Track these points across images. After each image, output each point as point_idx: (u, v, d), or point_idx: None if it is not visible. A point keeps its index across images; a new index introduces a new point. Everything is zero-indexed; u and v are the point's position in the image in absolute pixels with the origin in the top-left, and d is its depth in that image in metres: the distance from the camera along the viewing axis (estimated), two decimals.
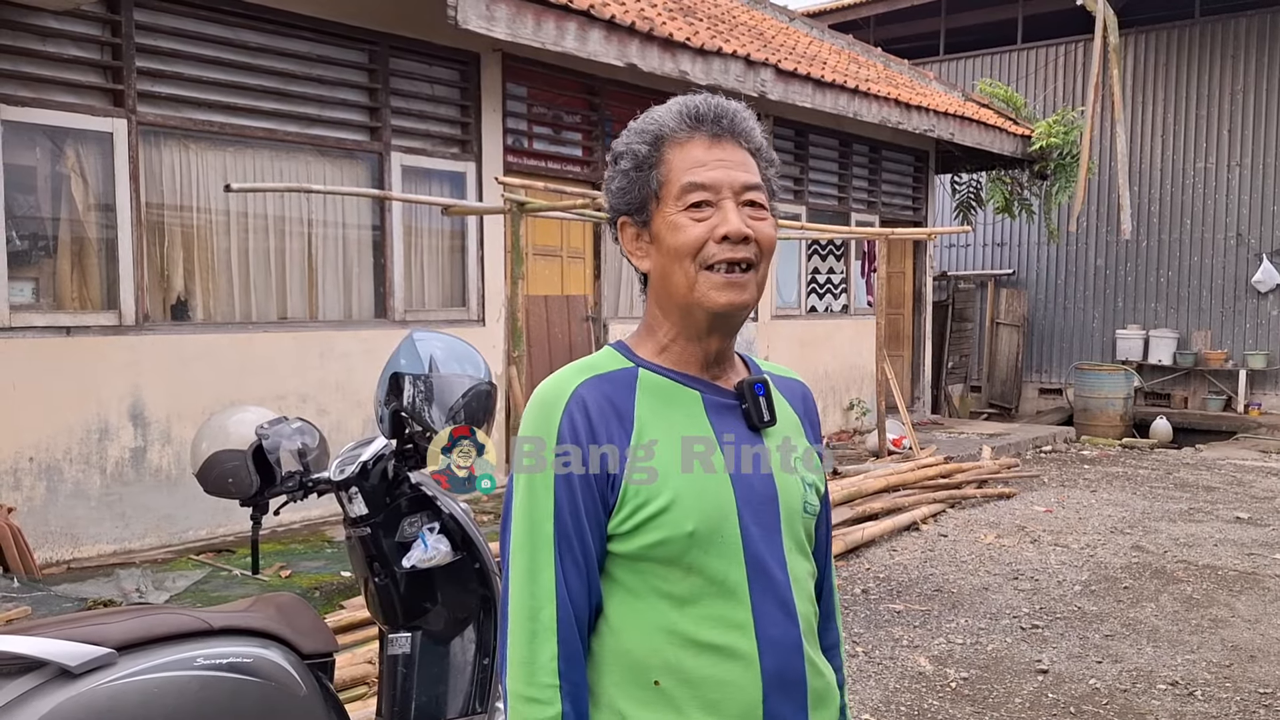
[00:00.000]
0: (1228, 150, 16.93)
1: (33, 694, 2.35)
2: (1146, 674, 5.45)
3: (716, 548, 1.60)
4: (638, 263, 1.71)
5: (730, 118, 1.70)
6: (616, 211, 1.71)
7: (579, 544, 1.58)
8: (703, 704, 1.59)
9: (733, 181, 1.65)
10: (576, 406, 1.60)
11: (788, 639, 1.64)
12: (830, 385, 13.42)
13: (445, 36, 8.45)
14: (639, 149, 1.67)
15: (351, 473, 3.05)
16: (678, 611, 1.60)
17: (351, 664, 4.68)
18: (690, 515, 1.58)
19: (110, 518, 6.94)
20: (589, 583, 1.60)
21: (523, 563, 1.59)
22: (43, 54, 6.72)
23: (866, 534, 7.90)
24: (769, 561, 1.65)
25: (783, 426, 1.75)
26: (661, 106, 1.71)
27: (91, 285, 7.02)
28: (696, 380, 1.69)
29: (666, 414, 1.65)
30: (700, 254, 1.62)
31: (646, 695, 1.60)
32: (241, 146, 7.70)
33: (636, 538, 1.59)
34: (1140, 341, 17.38)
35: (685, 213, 1.63)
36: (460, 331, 7.31)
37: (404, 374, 3.12)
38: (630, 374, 1.67)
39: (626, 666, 1.61)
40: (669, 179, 1.64)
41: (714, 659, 1.59)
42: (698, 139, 1.67)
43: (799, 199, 13.02)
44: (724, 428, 1.67)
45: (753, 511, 1.64)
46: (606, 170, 1.74)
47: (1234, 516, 9.17)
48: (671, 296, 1.66)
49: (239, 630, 2.73)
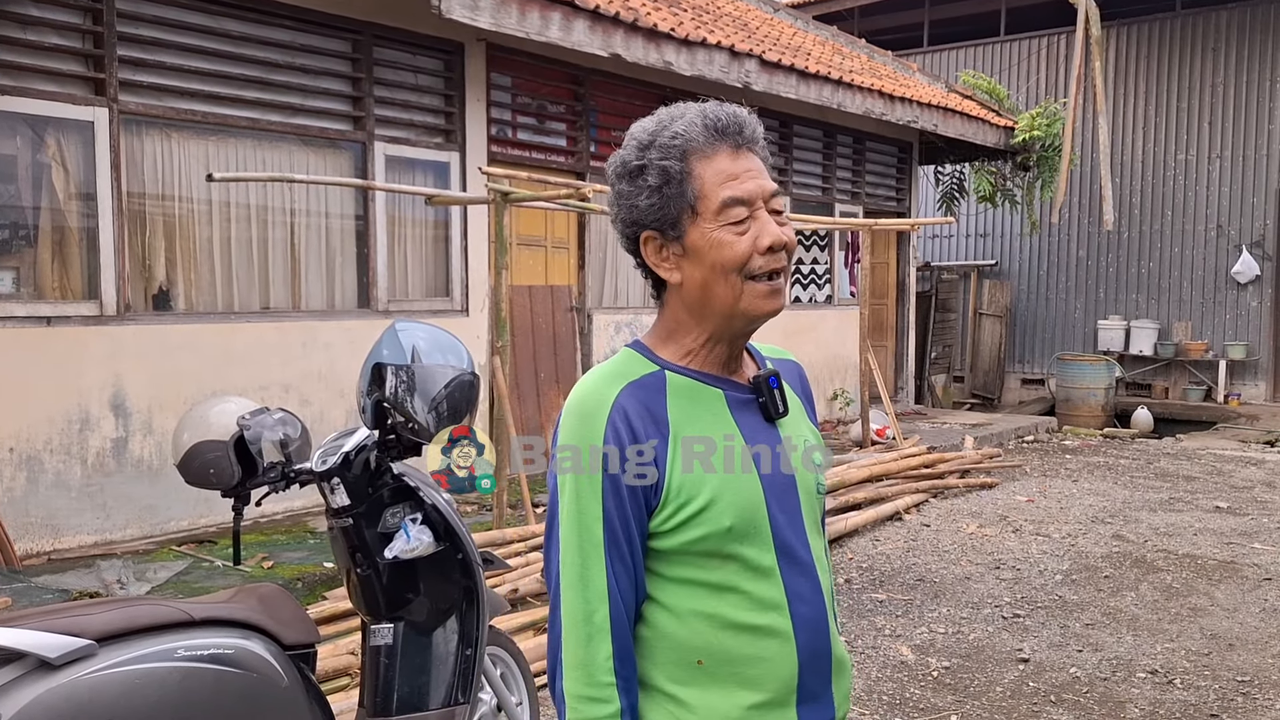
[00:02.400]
0: (1208, 142, 17.00)
1: (12, 685, 2.34)
2: (1126, 662, 5.48)
3: (750, 538, 1.69)
4: (666, 275, 1.73)
5: (750, 128, 1.73)
6: (640, 226, 1.72)
7: (627, 546, 1.66)
8: (743, 680, 1.68)
9: (764, 191, 1.70)
10: (619, 415, 1.66)
11: (817, 615, 1.75)
12: (814, 376, 13.30)
13: (429, 26, 8.43)
14: (670, 165, 1.67)
15: (334, 463, 3.05)
16: (716, 597, 1.68)
17: (334, 655, 4.68)
18: (728, 511, 1.67)
19: (91, 508, 6.92)
20: (636, 581, 1.68)
21: (574, 567, 1.65)
22: (23, 42, 6.68)
23: (850, 524, 7.92)
24: (795, 544, 1.75)
25: (792, 413, 1.84)
26: (676, 118, 1.71)
27: (72, 275, 6.99)
28: (718, 379, 1.77)
29: (696, 414, 1.72)
30: (746, 266, 1.67)
31: (690, 675, 1.69)
32: (224, 136, 7.67)
33: (678, 535, 1.67)
34: (1121, 332, 17.46)
35: (727, 228, 1.66)
36: (444, 322, 7.30)
37: (386, 365, 3.12)
38: (659, 378, 1.73)
39: (670, 650, 1.69)
40: (704, 193, 1.67)
41: (753, 638, 1.69)
42: (722, 151, 1.69)
43: (783, 189, 12.92)
44: (746, 423, 1.75)
45: (778, 500, 1.74)
46: (617, 184, 1.74)
47: (1213, 506, 9.22)
48: (712, 306, 1.71)
49: (220, 621, 2.73)
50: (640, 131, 1.73)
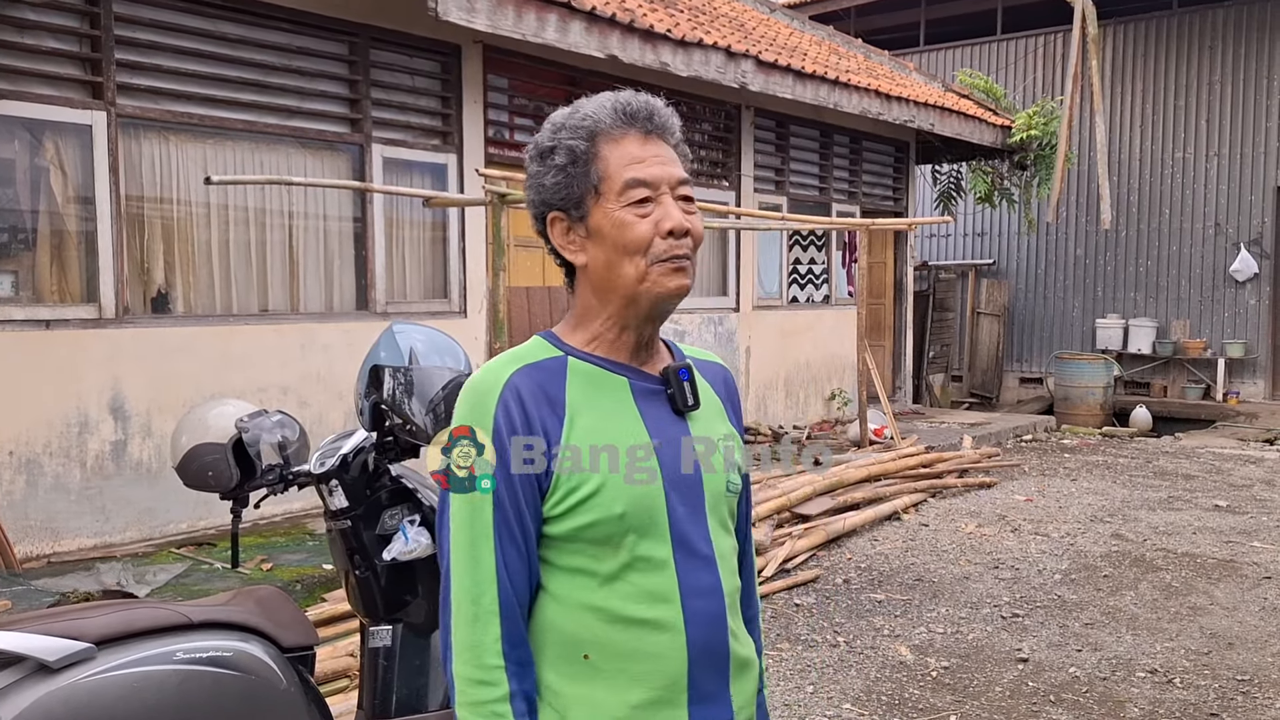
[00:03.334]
0: (1206, 140, 17.02)
1: (11, 689, 2.34)
2: (1126, 662, 5.49)
3: (645, 528, 1.67)
4: (571, 256, 1.74)
5: (660, 116, 1.74)
6: (548, 206, 1.74)
7: (519, 528, 1.64)
8: (630, 676, 1.66)
9: (670, 177, 1.70)
10: (511, 395, 1.66)
11: (713, 611, 1.72)
12: (811, 375, 13.45)
13: (426, 28, 8.43)
14: (576, 145, 1.69)
15: (332, 465, 3.05)
16: (607, 588, 1.66)
17: (333, 657, 4.68)
18: (620, 498, 1.65)
19: (90, 511, 6.92)
20: (529, 565, 1.66)
21: (464, 549, 1.64)
22: (21, 46, 6.68)
23: (848, 523, 7.93)
24: (694, 539, 1.72)
25: (706, 409, 1.81)
26: (589, 102, 1.74)
27: (71, 278, 6.99)
28: (625, 367, 1.75)
29: (596, 400, 1.70)
30: (650, 249, 1.67)
31: (576, 669, 1.66)
32: (221, 138, 7.67)
33: (569, 520, 1.65)
34: (1120, 331, 17.47)
35: (630, 209, 1.67)
36: (442, 323, 7.31)
37: (384, 366, 3.12)
38: (560, 362, 1.72)
39: (557, 642, 1.67)
40: (608, 174, 1.68)
41: (641, 632, 1.66)
42: (631, 135, 1.71)
43: (780, 190, 13.03)
44: (651, 412, 1.73)
45: (679, 492, 1.71)
46: (530, 165, 1.76)
47: (1213, 504, 9.23)
48: (616, 288, 1.70)
49: (219, 624, 2.73)
50: (555, 116, 1.75)
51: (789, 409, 13.09)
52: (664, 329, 1.83)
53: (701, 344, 11.61)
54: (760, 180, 12.67)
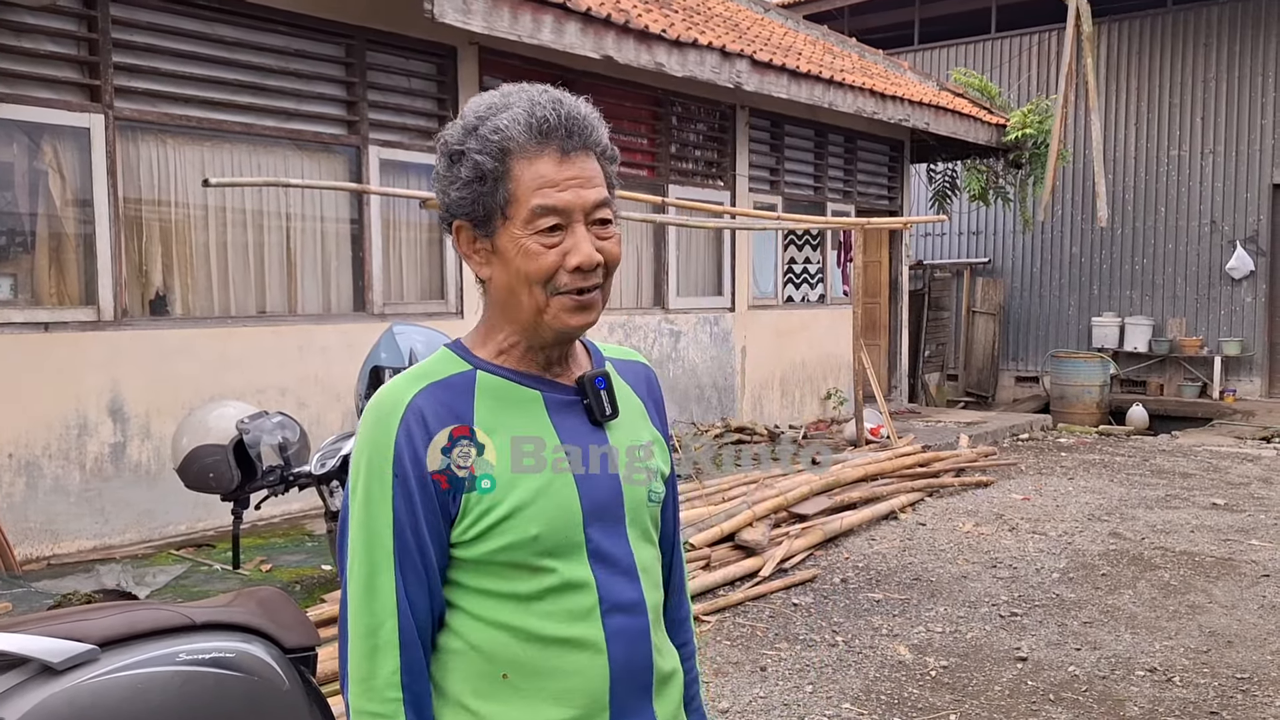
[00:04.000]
0: (1201, 138, 17.05)
1: (15, 691, 2.35)
2: (1125, 660, 5.50)
3: (561, 548, 1.60)
4: (476, 269, 1.65)
5: (580, 128, 1.62)
6: (452, 215, 1.64)
7: (419, 555, 1.57)
8: (550, 695, 1.60)
9: (584, 203, 1.59)
10: (414, 416, 1.57)
11: (636, 627, 1.66)
12: (807, 375, 13.47)
13: (422, 30, 8.44)
14: (484, 162, 1.57)
15: (333, 466, 3.07)
16: (524, 609, 1.60)
17: (332, 658, 4.68)
18: (535, 519, 1.58)
19: (90, 513, 6.93)
20: (431, 592, 1.59)
21: (361, 578, 1.57)
22: (19, 50, 6.68)
23: (845, 523, 7.93)
24: (614, 555, 1.66)
25: (626, 416, 1.74)
26: (505, 109, 1.61)
27: (70, 281, 6.99)
28: (537, 380, 1.67)
29: (506, 417, 1.63)
30: (551, 281, 1.58)
31: (494, 689, 1.60)
32: (219, 141, 7.68)
33: (481, 544, 1.58)
34: (1116, 329, 17.49)
35: (535, 237, 1.57)
36: (439, 324, 7.32)
37: (384, 367, 3.13)
38: (468, 377, 1.64)
39: (474, 662, 1.61)
40: (517, 197, 1.57)
41: (560, 651, 1.60)
42: (548, 153, 1.58)
43: (775, 189, 13.04)
44: (565, 425, 1.66)
45: (597, 507, 1.65)
46: (438, 160, 1.65)
47: (1210, 503, 9.25)
48: (517, 314, 1.62)
49: (221, 625, 2.74)
50: (471, 111, 1.63)
51: (785, 409, 13.11)
52: (659, 328, 1.79)
53: (697, 344, 11.63)
54: (755, 180, 12.69)
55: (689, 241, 11.83)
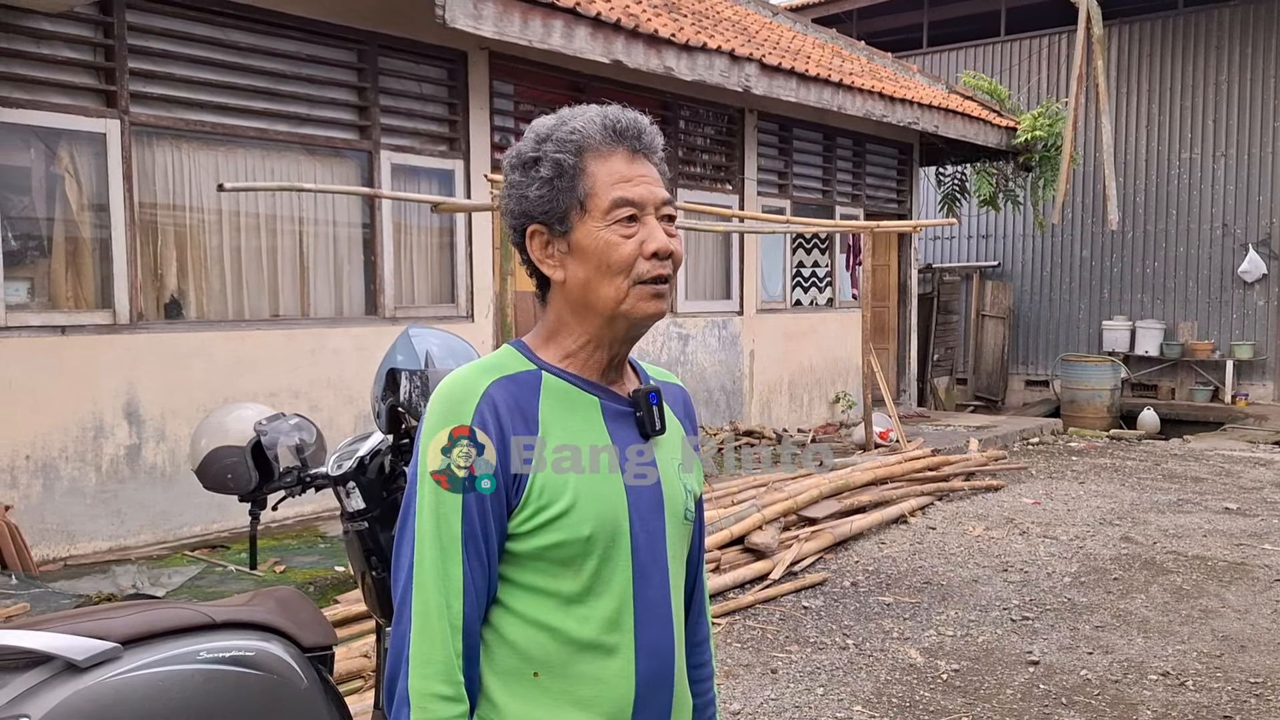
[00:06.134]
0: (1213, 141, 17.03)
1: (41, 687, 2.38)
2: (1138, 665, 5.50)
3: (609, 553, 1.65)
4: (549, 271, 1.71)
5: (645, 134, 1.71)
6: (529, 218, 1.70)
7: (484, 542, 1.61)
8: (575, 700, 1.64)
9: (655, 198, 1.68)
10: (487, 406, 1.62)
11: (664, 644, 1.72)
12: (816, 378, 13.48)
13: (433, 35, 8.49)
14: (563, 159, 1.65)
15: (349, 468, 3.08)
16: (564, 610, 1.64)
17: (347, 658, 4.72)
18: (588, 519, 1.63)
19: (106, 515, 6.97)
20: (490, 580, 1.63)
21: (432, 560, 1.60)
22: (37, 56, 6.74)
23: (855, 527, 7.95)
24: (652, 568, 1.71)
25: (670, 434, 1.80)
26: (577, 115, 1.70)
27: (86, 285, 7.05)
28: (596, 387, 1.73)
29: (568, 418, 1.68)
30: (633, 270, 1.65)
31: (522, 687, 1.64)
32: (233, 146, 7.73)
33: (535, 538, 1.62)
34: (1127, 333, 17.47)
35: (614, 227, 1.64)
36: (449, 327, 7.34)
37: (401, 370, 3.15)
38: (535, 376, 1.69)
39: (507, 658, 1.65)
40: (595, 191, 1.65)
41: (593, 657, 1.65)
42: (619, 153, 1.67)
43: (783, 193, 13.07)
44: (620, 434, 1.72)
45: (642, 518, 1.70)
46: (510, 174, 1.72)
47: (1222, 507, 9.24)
48: (594, 307, 1.68)
49: (241, 624, 2.77)
50: (540, 126, 1.71)
51: (793, 412, 13.12)
52: (667, 331, 1.83)
53: (705, 347, 11.65)
54: (764, 183, 12.71)
55: (697, 245, 11.85)
